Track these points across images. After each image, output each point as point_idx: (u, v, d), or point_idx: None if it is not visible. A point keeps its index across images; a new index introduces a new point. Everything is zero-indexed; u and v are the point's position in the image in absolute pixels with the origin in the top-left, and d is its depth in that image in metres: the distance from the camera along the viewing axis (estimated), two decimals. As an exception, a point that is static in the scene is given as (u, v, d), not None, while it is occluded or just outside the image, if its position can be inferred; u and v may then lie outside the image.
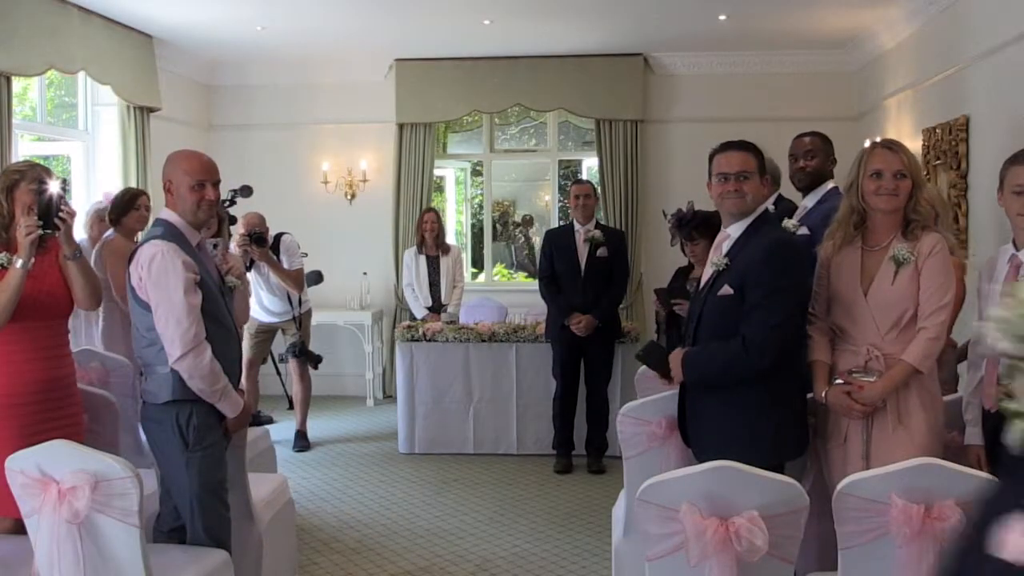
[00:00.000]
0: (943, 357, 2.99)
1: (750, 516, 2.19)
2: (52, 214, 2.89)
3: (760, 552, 2.19)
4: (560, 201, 8.93)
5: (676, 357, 2.91)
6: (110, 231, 4.88)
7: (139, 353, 2.96)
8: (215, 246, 4.13)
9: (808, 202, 3.91)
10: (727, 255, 2.87)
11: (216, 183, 3.00)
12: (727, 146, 2.95)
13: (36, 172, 3.00)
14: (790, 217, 3.82)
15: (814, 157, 3.91)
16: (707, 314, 2.89)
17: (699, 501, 2.22)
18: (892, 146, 2.90)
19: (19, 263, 2.86)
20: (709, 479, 2.23)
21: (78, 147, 6.98)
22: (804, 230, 3.67)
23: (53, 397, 3.01)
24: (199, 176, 2.94)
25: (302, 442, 6.44)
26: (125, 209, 4.82)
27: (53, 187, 2.91)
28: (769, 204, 3.98)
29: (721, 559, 2.19)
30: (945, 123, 5.73)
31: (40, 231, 2.87)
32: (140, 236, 4.56)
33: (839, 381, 2.82)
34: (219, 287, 3.03)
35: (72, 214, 2.98)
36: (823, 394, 2.83)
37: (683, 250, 5.10)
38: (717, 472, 2.24)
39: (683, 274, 5.20)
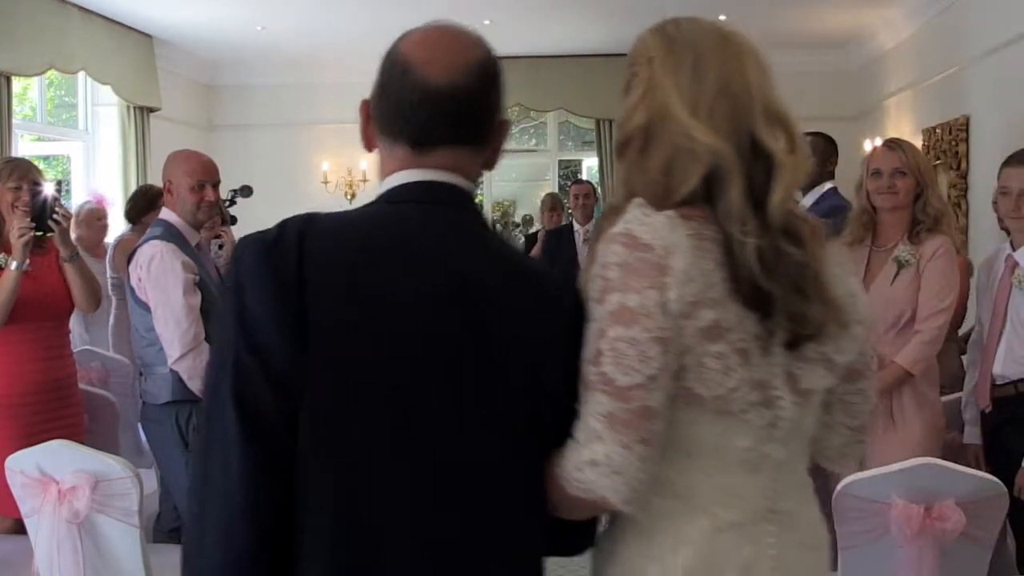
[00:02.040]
0: (944, 356, 2.99)
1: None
2: (46, 216, 2.87)
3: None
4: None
5: None
6: (126, 229, 4.86)
7: (139, 353, 2.96)
8: (220, 247, 4.13)
9: (806, 202, 3.92)
10: None
11: (216, 184, 3.00)
12: None
13: (12, 168, 2.98)
14: None
15: (813, 156, 3.92)
16: None
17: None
18: (892, 144, 2.90)
19: (13, 265, 2.85)
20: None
21: (78, 147, 6.98)
22: None
23: (54, 398, 3.01)
24: (199, 177, 2.94)
25: None
26: (146, 208, 4.73)
27: (48, 188, 2.89)
28: None
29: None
30: (945, 123, 5.73)
31: (33, 233, 2.86)
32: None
33: None
34: (218, 288, 3.03)
35: (68, 216, 2.97)
36: None
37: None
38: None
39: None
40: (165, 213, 2.98)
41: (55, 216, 2.90)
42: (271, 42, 7.41)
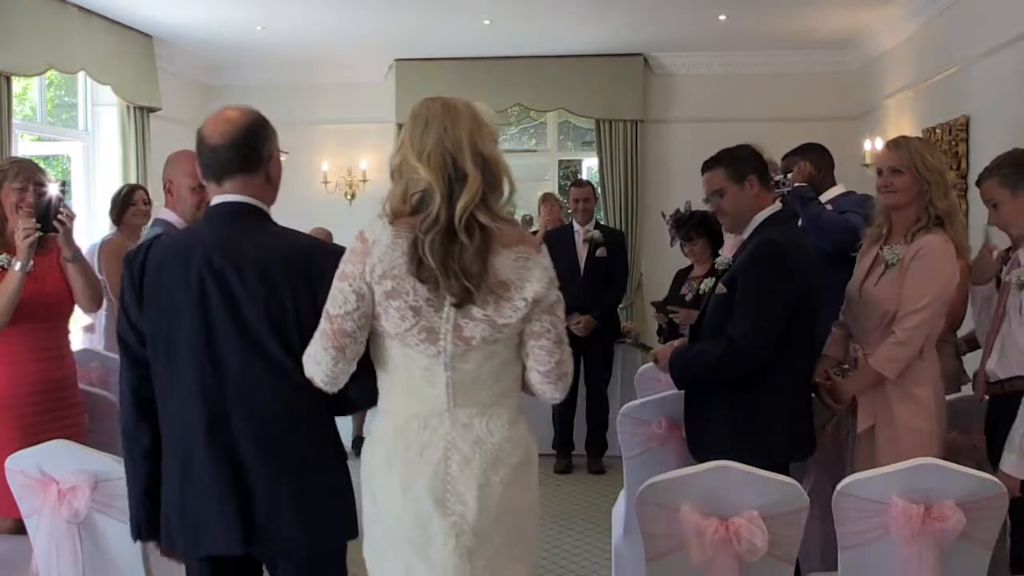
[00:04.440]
0: (941, 356, 2.98)
1: (750, 516, 2.19)
2: (51, 216, 2.88)
3: (760, 552, 2.18)
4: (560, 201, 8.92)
5: (665, 354, 2.90)
6: (112, 231, 4.87)
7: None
8: None
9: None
10: (733, 256, 2.88)
11: None
12: (702, 167, 2.93)
13: (18, 169, 2.98)
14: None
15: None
16: (708, 312, 2.89)
17: (699, 501, 2.21)
18: (891, 143, 2.91)
19: (17, 266, 2.85)
20: (709, 479, 2.23)
21: (78, 147, 6.98)
22: (828, 207, 3.73)
23: (54, 398, 3.01)
24: (199, 178, 2.94)
25: (359, 445, 6.41)
26: (123, 207, 4.79)
27: (52, 189, 2.90)
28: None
29: (721, 559, 2.19)
30: (945, 123, 5.73)
31: (38, 233, 2.86)
32: (144, 231, 4.54)
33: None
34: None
35: (71, 216, 2.97)
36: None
37: (683, 250, 5.10)
38: (717, 472, 2.24)
39: (683, 275, 5.20)
40: (164, 213, 2.99)
41: (59, 216, 2.91)
42: (271, 42, 7.41)
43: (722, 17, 6.72)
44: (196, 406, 2.01)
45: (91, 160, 6.99)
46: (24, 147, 6.38)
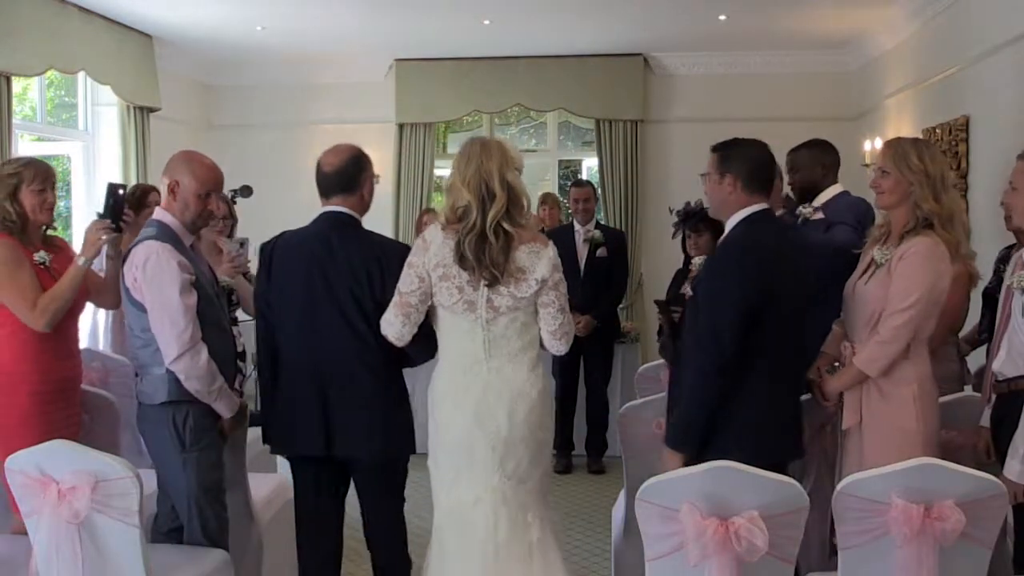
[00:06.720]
0: (941, 357, 2.98)
1: (750, 516, 2.19)
2: (119, 217, 2.99)
3: (760, 552, 2.18)
4: (560, 201, 8.92)
5: (665, 452, 2.78)
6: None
7: (134, 354, 2.94)
8: (241, 245, 4.14)
9: (816, 204, 3.90)
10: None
11: (219, 193, 3.02)
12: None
13: (35, 173, 3.01)
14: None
15: (796, 172, 3.88)
16: (687, 314, 2.90)
17: (699, 501, 2.21)
18: (884, 144, 2.94)
19: (81, 261, 2.94)
20: (709, 479, 2.23)
21: (78, 147, 6.99)
22: (819, 215, 3.72)
23: (69, 396, 3.09)
24: (209, 187, 2.90)
25: None
26: (138, 207, 4.78)
27: (119, 191, 3.03)
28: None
29: (721, 559, 2.19)
30: (945, 123, 5.73)
31: (113, 233, 2.96)
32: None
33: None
34: (214, 288, 3.00)
35: (131, 214, 3.06)
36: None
37: (683, 245, 5.08)
38: (717, 472, 2.24)
39: (682, 275, 5.19)
40: (160, 213, 2.90)
41: (124, 216, 3.02)
42: (271, 42, 7.41)
43: (722, 17, 6.71)
44: (300, 354, 2.85)
45: (91, 160, 6.98)
46: (24, 147, 6.37)
